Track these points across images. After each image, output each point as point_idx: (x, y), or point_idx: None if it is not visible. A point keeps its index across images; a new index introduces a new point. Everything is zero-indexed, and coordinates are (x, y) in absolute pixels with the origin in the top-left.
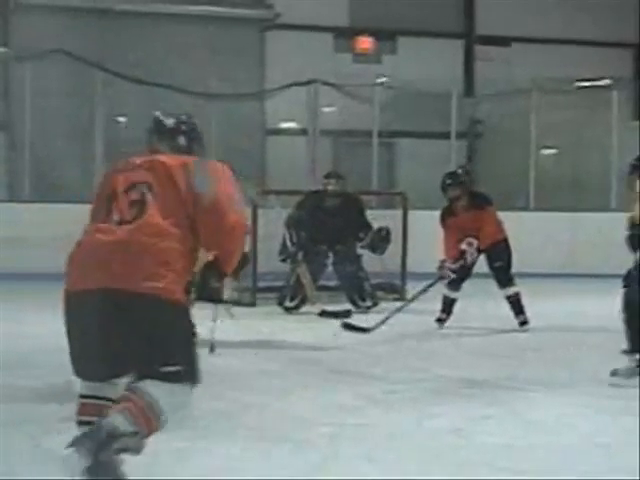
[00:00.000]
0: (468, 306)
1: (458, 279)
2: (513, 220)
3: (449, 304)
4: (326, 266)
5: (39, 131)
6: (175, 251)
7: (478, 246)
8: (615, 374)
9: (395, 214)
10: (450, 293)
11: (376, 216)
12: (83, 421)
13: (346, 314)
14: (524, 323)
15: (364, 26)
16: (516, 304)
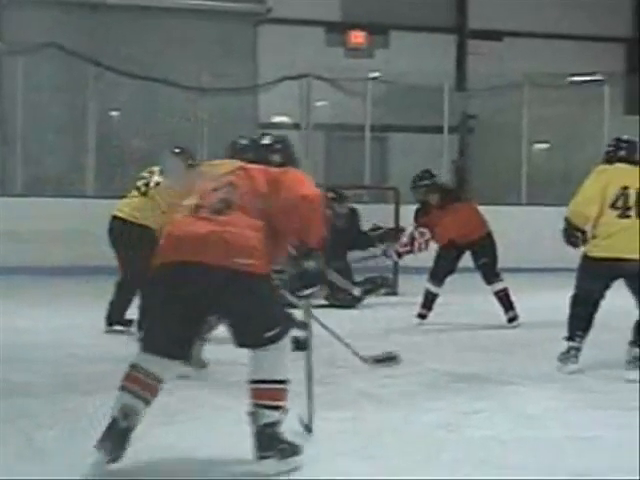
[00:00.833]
0: (457, 301)
1: (441, 274)
2: (505, 215)
3: (431, 299)
4: None
5: (31, 125)
6: (253, 238)
7: (428, 239)
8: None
9: (387, 208)
10: (433, 288)
11: (368, 211)
12: (126, 388)
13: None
14: (513, 319)
15: (356, 20)
16: (504, 300)
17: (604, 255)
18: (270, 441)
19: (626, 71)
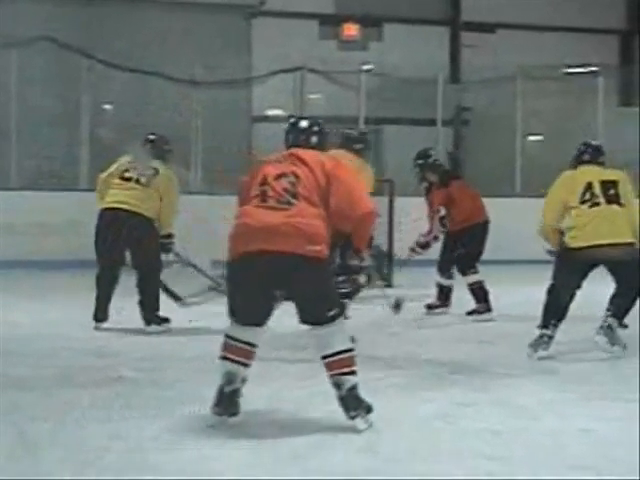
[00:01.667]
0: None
1: (445, 265)
2: (499, 206)
3: (445, 292)
4: None
5: (25, 118)
6: (319, 227)
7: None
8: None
9: (382, 201)
10: (443, 281)
11: None
12: (226, 358)
13: None
14: (483, 312)
15: (350, 13)
16: (479, 292)
17: (582, 244)
18: (356, 402)
19: (620, 63)
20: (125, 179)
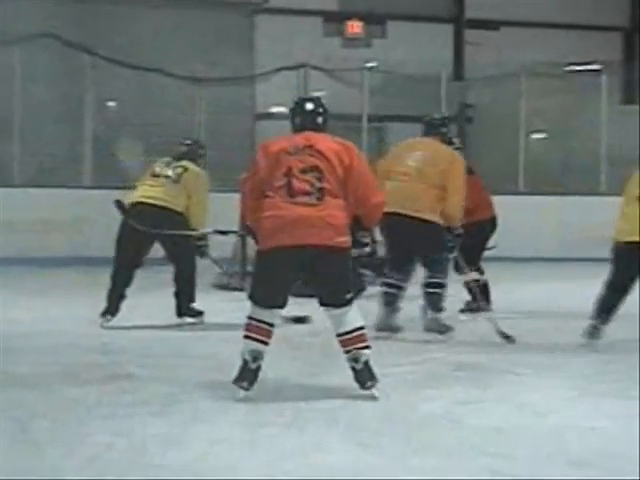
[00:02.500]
0: (459, 290)
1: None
2: (502, 204)
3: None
4: None
5: (28, 116)
6: (344, 218)
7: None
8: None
9: None
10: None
11: None
12: (251, 337)
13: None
14: (476, 310)
15: (353, 10)
16: (475, 290)
17: (631, 239)
18: (371, 373)
19: (623, 60)
20: (154, 176)
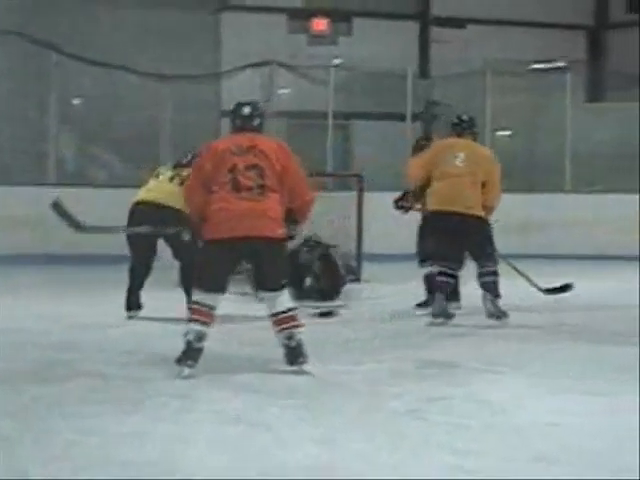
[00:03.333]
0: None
1: None
2: None
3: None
4: None
5: None
6: (280, 212)
7: None
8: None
9: (351, 196)
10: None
11: (332, 199)
12: (195, 319)
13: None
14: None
15: (319, 7)
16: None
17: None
18: (302, 351)
19: (588, 58)
20: (157, 176)
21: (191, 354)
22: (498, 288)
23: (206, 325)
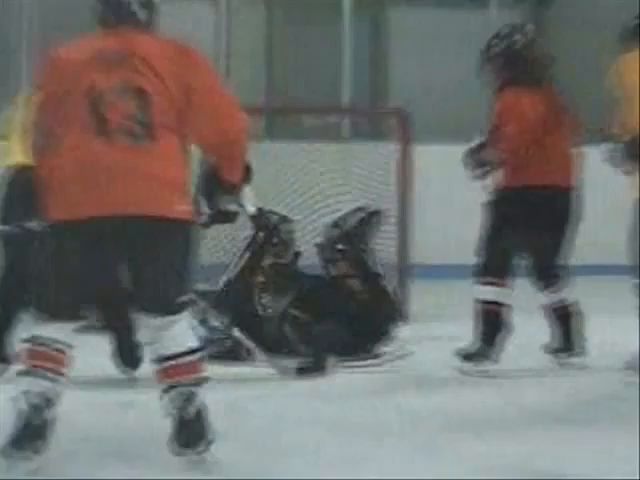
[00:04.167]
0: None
1: None
2: None
3: None
4: None
5: None
6: (182, 171)
7: None
8: None
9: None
10: None
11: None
12: (32, 369)
13: None
14: None
15: None
16: None
17: None
18: (205, 424)
19: None
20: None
21: (30, 435)
22: None
23: (55, 377)
